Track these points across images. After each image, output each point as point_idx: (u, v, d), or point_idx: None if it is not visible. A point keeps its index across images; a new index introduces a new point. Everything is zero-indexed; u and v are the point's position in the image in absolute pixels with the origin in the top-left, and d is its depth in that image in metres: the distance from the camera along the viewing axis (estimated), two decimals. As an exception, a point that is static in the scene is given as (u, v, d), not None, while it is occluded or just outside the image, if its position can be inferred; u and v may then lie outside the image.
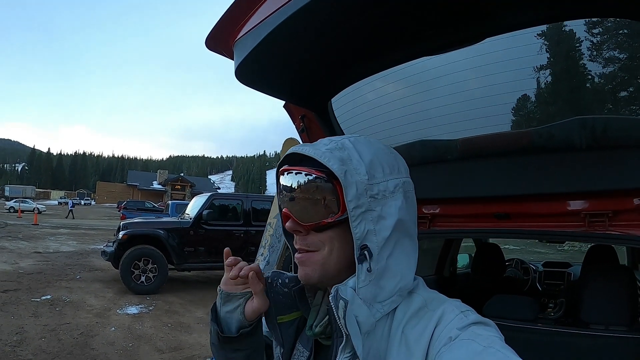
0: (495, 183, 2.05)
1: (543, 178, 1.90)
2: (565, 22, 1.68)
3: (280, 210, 1.01)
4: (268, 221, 5.45)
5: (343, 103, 2.18)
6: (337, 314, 0.82)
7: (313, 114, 2.21)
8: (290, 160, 0.95)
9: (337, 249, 0.89)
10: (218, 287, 1.04)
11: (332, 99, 2.16)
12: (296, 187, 0.89)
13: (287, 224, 0.91)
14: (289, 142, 4.87)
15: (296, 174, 0.89)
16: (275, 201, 5.83)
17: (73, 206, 45.69)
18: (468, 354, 0.71)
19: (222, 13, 1.56)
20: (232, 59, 1.69)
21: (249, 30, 1.51)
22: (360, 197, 0.84)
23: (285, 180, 0.91)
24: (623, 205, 1.76)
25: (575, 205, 1.89)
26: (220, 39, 1.67)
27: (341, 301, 0.82)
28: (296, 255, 0.92)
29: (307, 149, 0.89)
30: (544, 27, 1.68)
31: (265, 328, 1.13)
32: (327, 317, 0.93)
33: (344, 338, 0.83)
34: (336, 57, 1.76)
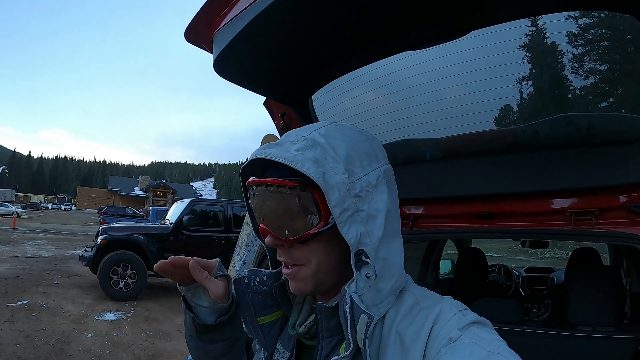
0: (479, 182, 2.02)
1: (528, 176, 1.88)
2: (549, 19, 1.65)
3: (255, 224, 0.92)
4: (245, 220, 5.37)
5: (324, 101, 2.13)
6: (352, 327, 0.75)
7: (293, 112, 2.16)
8: (256, 167, 0.86)
9: (325, 258, 0.82)
10: (178, 286, 0.94)
11: (313, 96, 2.11)
12: (268, 202, 0.80)
13: (267, 239, 0.82)
14: (268, 138, 4.79)
15: (266, 187, 0.79)
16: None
17: None
18: (472, 359, 0.67)
19: (202, 4, 1.52)
20: (212, 52, 1.64)
21: (228, 22, 1.46)
22: (344, 199, 0.76)
23: (254, 194, 0.82)
24: (609, 202, 1.74)
25: (561, 203, 1.86)
26: (199, 31, 1.62)
27: (363, 315, 0.74)
28: (284, 270, 0.85)
29: (273, 152, 0.78)
30: (528, 22, 1.65)
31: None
32: (313, 316, 0.87)
33: (351, 347, 0.75)
34: (317, 51, 1.71)
